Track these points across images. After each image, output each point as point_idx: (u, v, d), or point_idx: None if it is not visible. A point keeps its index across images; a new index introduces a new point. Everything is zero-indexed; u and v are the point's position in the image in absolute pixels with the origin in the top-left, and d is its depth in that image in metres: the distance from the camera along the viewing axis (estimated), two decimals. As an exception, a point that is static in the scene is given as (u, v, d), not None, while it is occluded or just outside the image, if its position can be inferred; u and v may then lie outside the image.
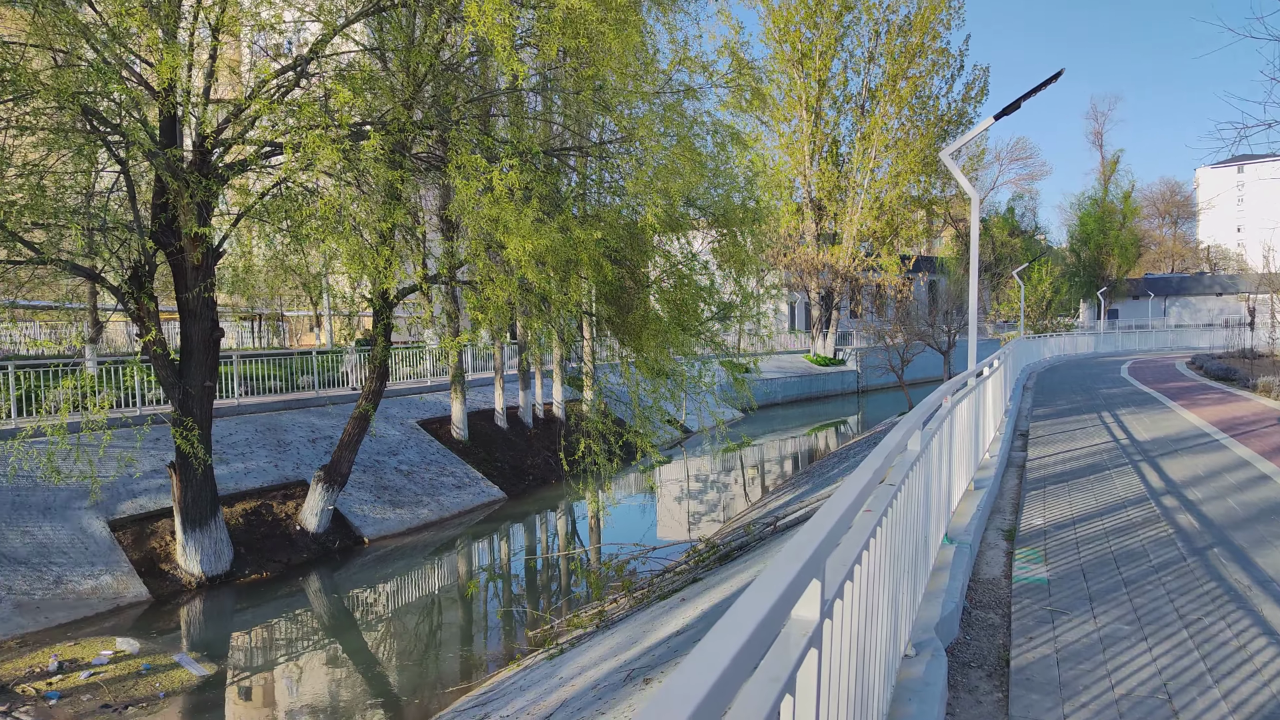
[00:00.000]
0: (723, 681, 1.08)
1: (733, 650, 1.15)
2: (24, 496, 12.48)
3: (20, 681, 9.31)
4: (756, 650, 1.25)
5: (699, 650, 1.13)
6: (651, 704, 0.98)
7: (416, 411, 21.08)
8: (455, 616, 12.48)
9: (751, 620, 1.27)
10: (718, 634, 1.20)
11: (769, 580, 1.46)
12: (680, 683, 1.04)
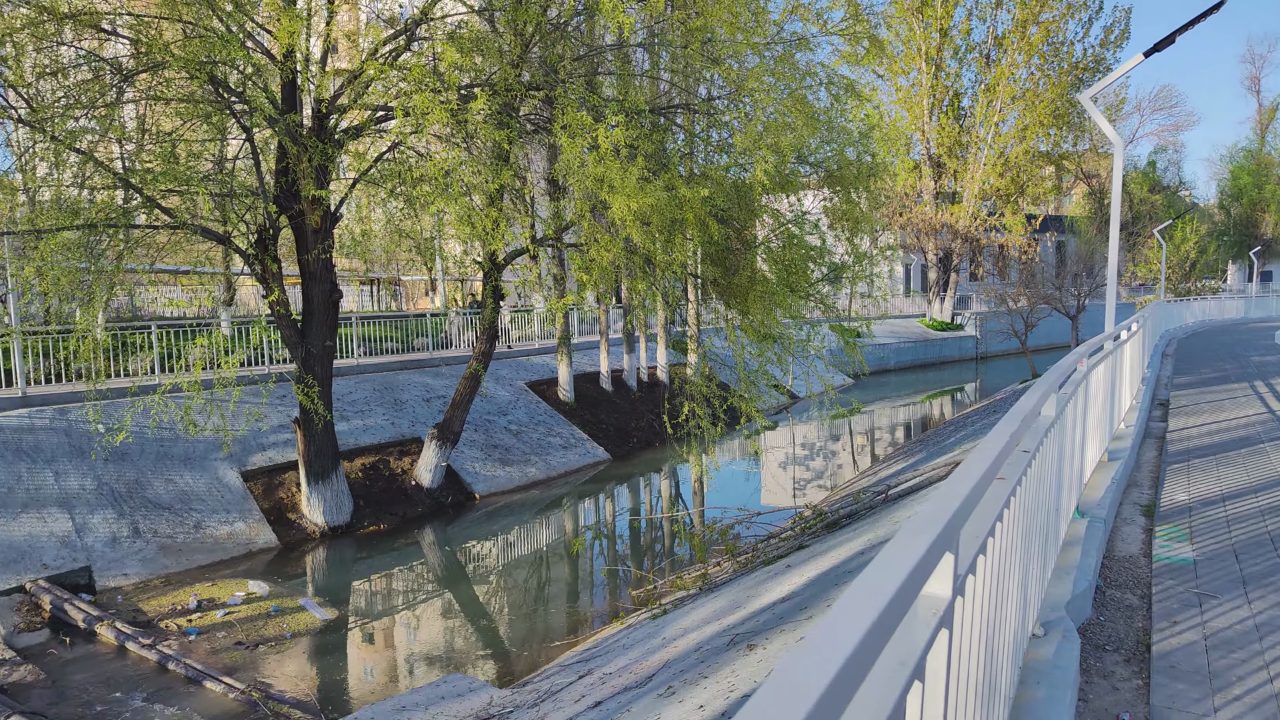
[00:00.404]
0: (849, 667, 0.90)
1: (859, 631, 0.97)
2: (167, 448, 13.41)
3: (164, 617, 10.06)
4: (884, 631, 1.07)
5: (819, 632, 0.96)
6: (768, 692, 0.81)
7: (524, 373, 21.47)
8: (561, 573, 12.70)
9: (879, 598, 1.08)
10: (841, 614, 1.02)
11: (898, 553, 1.27)
12: (799, 668, 0.87)
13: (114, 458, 12.63)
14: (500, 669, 9.39)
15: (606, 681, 5.85)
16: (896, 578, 1.17)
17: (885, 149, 37.23)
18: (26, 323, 15.25)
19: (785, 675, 0.86)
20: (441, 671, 9.34)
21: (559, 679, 6.84)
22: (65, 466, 12.15)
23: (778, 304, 12.80)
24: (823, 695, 0.82)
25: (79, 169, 11.37)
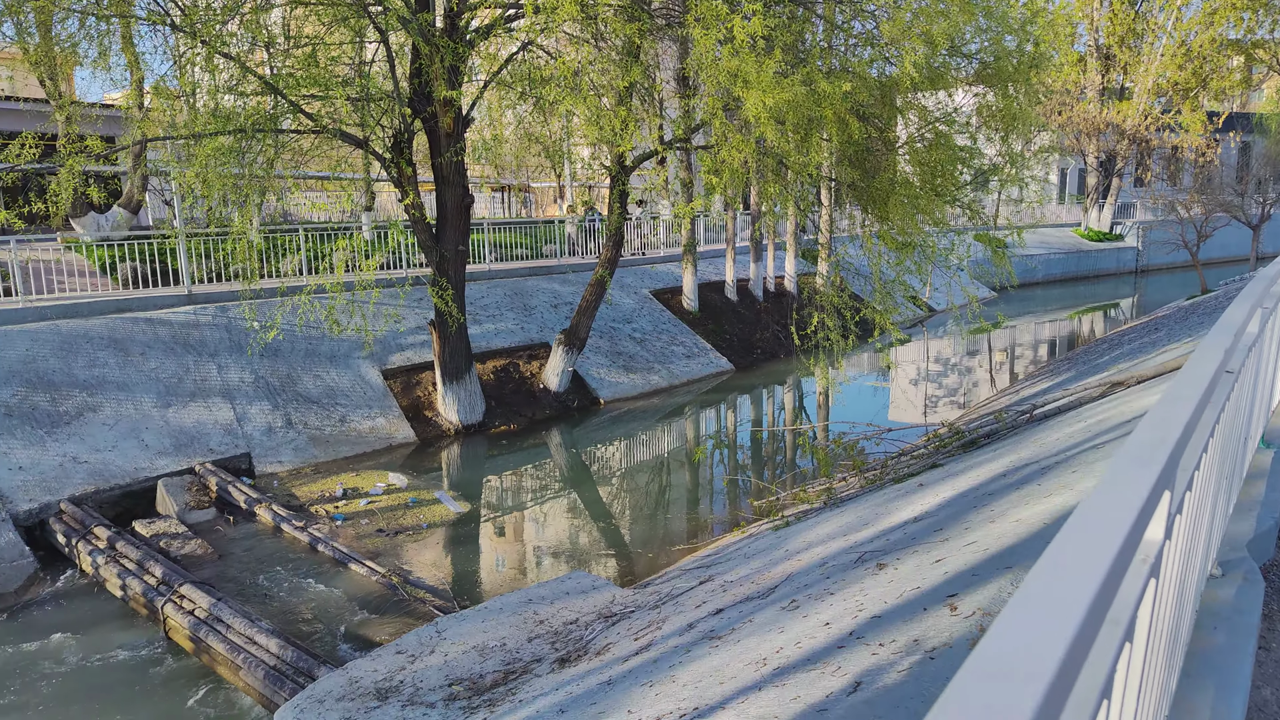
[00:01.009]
0: (1079, 641, 0.68)
1: (1088, 590, 0.74)
2: (314, 345, 14.21)
3: (314, 503, 10.83)
4: (1110, 588, 0.83)
5: (1028, 594, 0.74)
6: (972, 674, 0.60)
7: (649, 281, 21.36)
8: (682, 479, 12.80)
9: (1103, 547, 0.84)
10: (1058, 566, 0.79)
11: (1117, 490, 1.02)
12: (1009, 643, 0.65)
13: (268, 353, 13.51)
14: (621, 569, 9.61)
15: (727, 590, 5.81)
16: (1121, 522, 0.92)
17: (1047, 39, 33.80)
18: (190, 225, 16.33)
19: (991, 650, 0.65)
20: (566, 568, 9.66)
21: (679, 583, 6.89)
22: (226, 360, 13.10)
23: (920, 209, 11.98)
24: (1055, 678, 0.61)
25: (230, 75, 11.78)
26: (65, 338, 12.08)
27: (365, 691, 5.65)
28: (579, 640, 5.98)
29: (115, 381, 11.84)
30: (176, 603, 7.89)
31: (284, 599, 8.37)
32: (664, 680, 4.07)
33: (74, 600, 8.78)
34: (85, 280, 14.56)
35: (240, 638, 7.29)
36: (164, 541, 9.34)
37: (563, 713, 4.23)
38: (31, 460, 10.23)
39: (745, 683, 3.56)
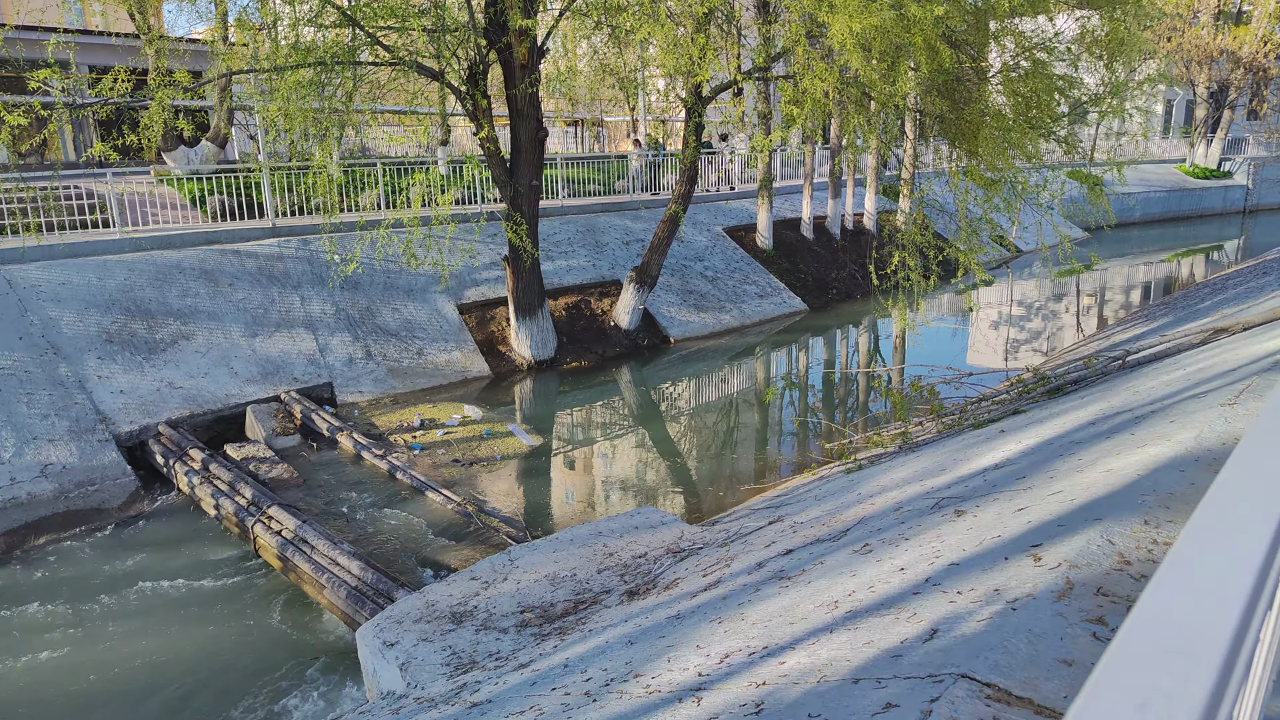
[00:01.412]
0: (1246, 612, 0.58)
1: (1255, 556, 0.64)
2: (392, 279, 14.48)
3: (392, 432, 11.16)
4: (1275, 552, 0.72)
5: (1183, 558, 0.64)
6: (1128, 652, 0.52)
7: (722, 218, 20.99)
8: (751, 419, 12.72)
9: (1269, 508, 0.73)
10: (1211, 530, 0.69)
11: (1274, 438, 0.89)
12: (1167, 615, 0.56)
13: (348, 286, 13.83)
14: (689, 506, 9.67)
15: (797, 530, 5.77)
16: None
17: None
18: (273, 159, 16.68)
19: (1156, 619, 0.56)
20: (635, 503, 9.77)
21: (748, 522, 6.88)
22: (309, 292, 13.47)
23: (1012, 143, 11.35)
24: (1227, 652, 0.52)
25: (310, 6, 11.82)
26: (160, 268, 12.58)
27: (441, 615, 5.85)
28: (647, 574, 6.05)
29: (206, 311, 12.31)
30: (265, 523, 8.29)
31: (364, 523, 8.71)
32: (732, 618, 4.07)
33: (171, 517, 9.32)
34: (177, 213, 15.07)
35: (324, 558, 7.62)
36: (253, 465, 9.79)
37: (631, 644, 4.29)
38: (131, 385, 10.78)
39: (815, 624, 3.52)
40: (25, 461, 9.30)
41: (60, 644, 7.05)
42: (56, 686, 6.53)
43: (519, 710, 3.83)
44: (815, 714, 2.60)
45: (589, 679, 3.93)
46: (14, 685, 6.54)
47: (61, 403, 10.11)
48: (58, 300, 11.35)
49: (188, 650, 6.97)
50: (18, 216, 13.11)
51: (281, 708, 6.32)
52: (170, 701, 6.39)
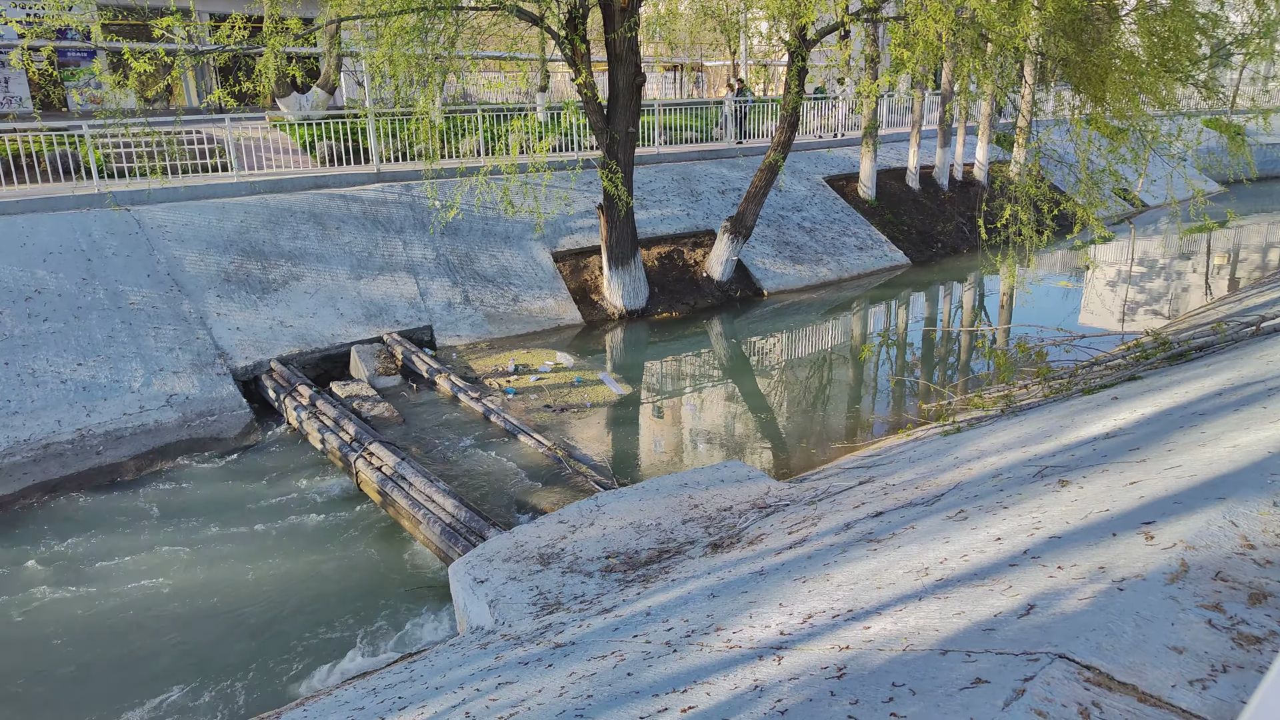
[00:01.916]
0: None
1: None
2: (490, 226, 14.69)
3: (488, 376, 11.44)
4: None
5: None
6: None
7: (823, 167, 20.35)
8: (845, 376, 12.45)
9: None
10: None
11: None
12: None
13: (448, 232, 14.12)
14: (777, 462, 9.58)
15: (888, 493, 5.63)
16: None
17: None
18: (378, 105, 17.03)
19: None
20: (722, 455, 9.75)
21: (837, 481, 6.76)
22: (410, 237, 13.82)
23: (1143, 88, 10.49)
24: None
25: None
26: (273, 211, 13.11)
27: (529, 555, 6.01)
28: (732, 528, 6.04)
29: (315, 253, 12.81)
30: (366, 459, 8.67)
31: (459, 463, 9.00)
32: (817, 577, 4.01)
33: (281, 449, 9.86)
34: (289, 157, 15.64)
35: (420, 495, 7.93)
36: (356, 402, 10.22)
37: (714, 597, 4.30)
38: (246, 322, 11.37)
39: (904, 590, 3.43)
40: (153, 391, 9.97)
41: (176, 562, 7.61)
42: (169, 602, 7.07)
43: (601, 654, 3.90)
44: (899, 683, 2.53)
45: (670, 629, 3.97)
46: (131, 599, 7.12)
47: (185, 337, 10.76)
48: (181, 240, 12.00)
49: (292, 574, 7.41)
50: (145, 160, 13.86)
51: (378, 634, 6.67)
52: (273, 621, 6.82)
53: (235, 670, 6.27)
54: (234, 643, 6.57)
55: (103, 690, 6.09)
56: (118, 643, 6.57)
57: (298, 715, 4.72)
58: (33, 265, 10.74)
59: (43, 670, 6.28)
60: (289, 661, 6.35)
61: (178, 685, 6.12)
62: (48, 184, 12.91)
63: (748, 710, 2.71)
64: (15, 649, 6.50)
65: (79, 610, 6.93)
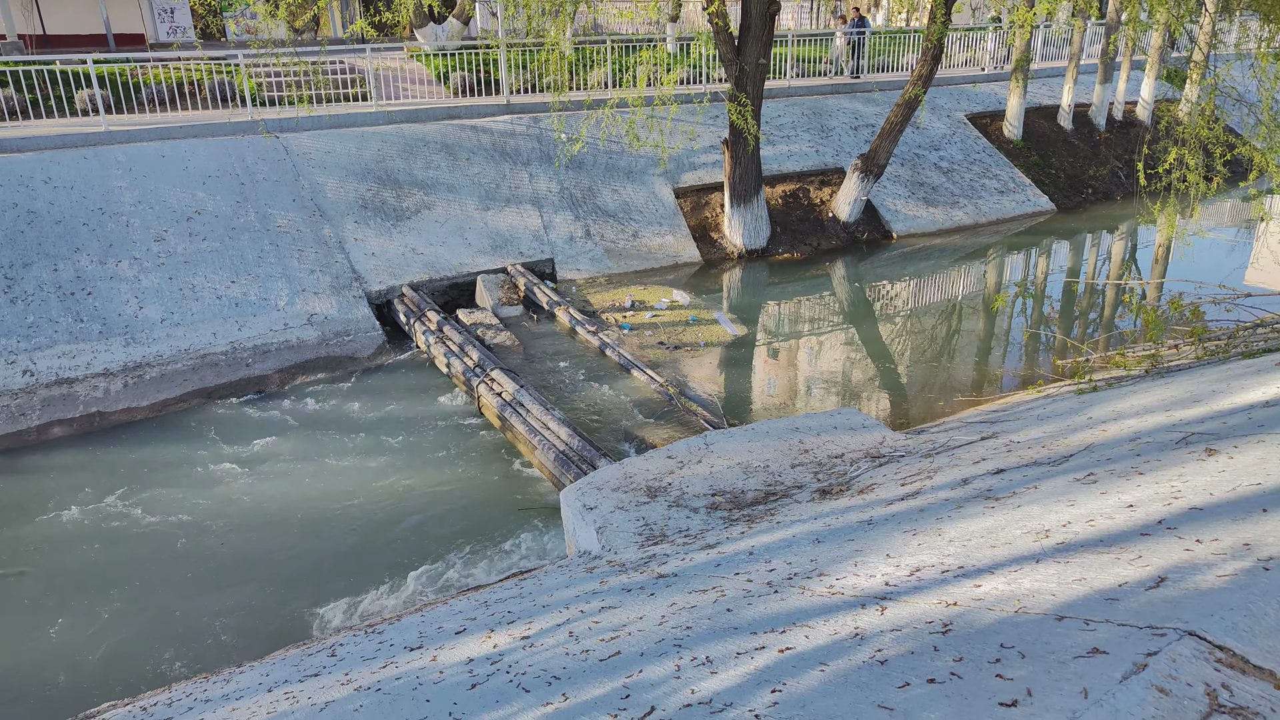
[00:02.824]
0: None
1: None
2: (614, 160, 14.67)
3: (605, 311, 11.57)
4: None
5: None
6: None
7: (966, 103, 19.13)
8: (974, 326, 11.88)
9: None
10: None
11: None
12: None
13: (572, 166, 14.20)
14: (894, 412, 9.32)
15: (1012, 450, 5.38)
16: None
17: None
18: (510, 36, 17.14)
19: None
20: (836, 402, 9.57)
21: (957, 435, 6.51)
22: (536, 170, 13.99)
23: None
24: None
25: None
26: (408, 140, 13.54)
27: (637, 487, 6.13)
28: (842, 475, 5.95)
29: (445, 183, 13.18)
30: (488, 384, 9.00)
31: (573, 393, 9.22)
32: (928, 531, 3.91)
33: (409, 371, 10.36)
34: (424, 88, 16.03)
35: (537, 422, 8.19)
36: (480, 330, 10.58)
37: (819, 542, 4.26)
38: (381, 248, 11.89)
39: (1021, 551, 3.29)
40: (296, 310, 10.64)
41: (314, 469, 8.19)
42: (307, 504, 7.64)
43: (702, 588, 3.96)
44: (1008, 644, 2.45)
45: (772, 569, 3.97)
46: (276, 498, 7.73)
47: (325, 260, 11.37)
48: (323, 167, 12.59)
49: (415, 488, 7.86)
50: (293, 89, 14.52)
51: (490, 550, 7.01)
52: (394, 531, 7.28)
53: (361, 572, 6.75)
54: (360, 547, 7.06)
55: (265, 573, 6.71)
56: (272, 535, 7.19)
57: (415, 620, 5.05)
58: (193, 188, 11.55)
59: (209, 555, 6.96)
60: (408, 569, 6.78)
61: (313, 578, 6.66)
62: (207, 111, 13.76)
63: (846, 657, 2.70)
64: (190, 534, 7.23)
65: (235, 504, 7.62)
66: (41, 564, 6.91)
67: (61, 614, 6.37)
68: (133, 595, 6.56)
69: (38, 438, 8.80)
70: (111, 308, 9.99)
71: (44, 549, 7.09)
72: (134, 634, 6.19)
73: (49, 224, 10.51)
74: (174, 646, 6.05)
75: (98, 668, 5.88)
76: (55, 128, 12.16)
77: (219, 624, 6.26)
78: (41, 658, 5.98)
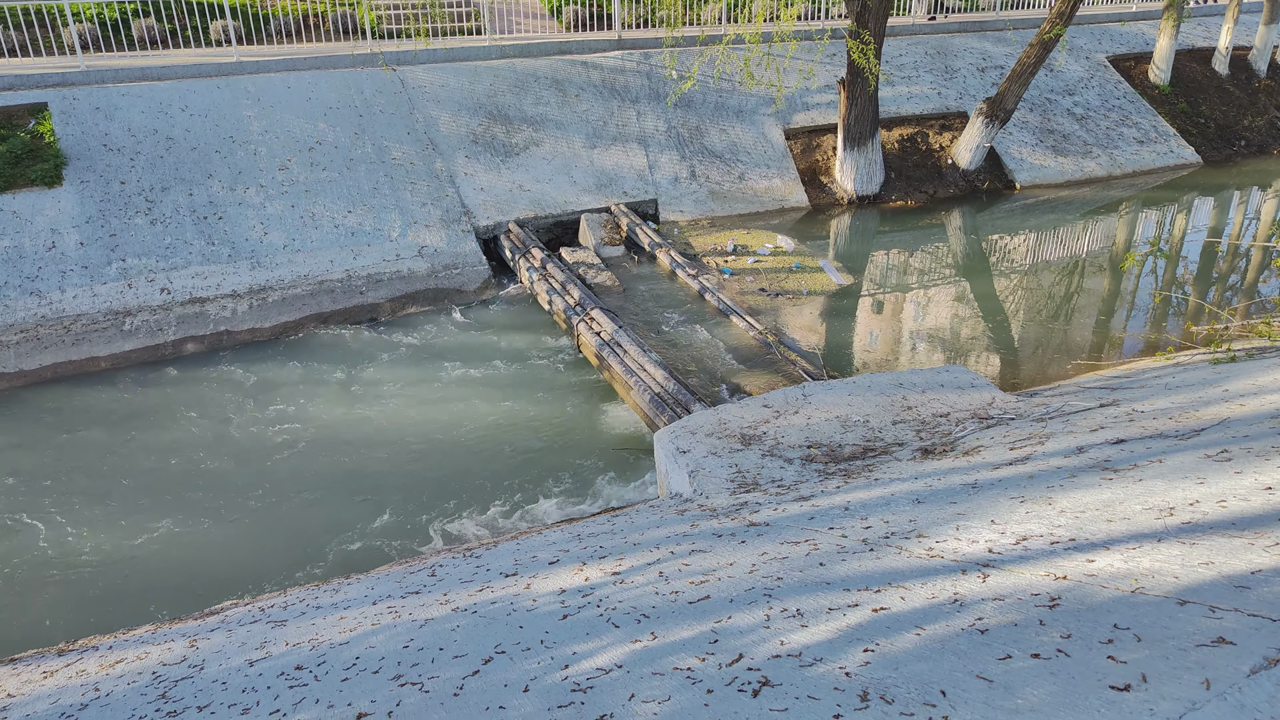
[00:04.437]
0: None
1: None
2: (724, 99, 14.30)
3: (706, 254, 11.43)
4: None
5: None
6: None
7: (1108, 44, 17.68)
8: (1097, 286, 11.18)
9: None
10: None
11: None
12: None
13: (680, 104, 13.92)
14: (1005, 372, 8.93)
15: (1135, 420, 5.07)
16: None
17: None
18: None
19: None
20: (943, 358, 9.23)
21: (1074, 400, 6.19)
22: (644, 108, 13.79)
23: None
24: None
25: None
26: (519, 75, 13.55)
27: (731, 433, 6.10)
28: (947, 435, 5.76)
29: (554, 120, 13.17)
30: (587, 323, 9.08)
31: (671, 336, 9.20)
32: (1038, 500, 3.74)
33: (512, 306, 10.56)
34: (536, 22, 15.94)
35: (633, 362, 8.23)
36: (582, 269, 10.64)
37: (919, 503, 4.15)
38: (489, 184, 12.05)
39: (1140, 528, 3.11)
40: (407, 241, 10.96)
41: (420, 395, 8.51)
42: (416, 427, 7.95)
43: (794, 540, 3.93)
44: (1123, 625, 2.33)
45: (869, 527, 3.90)
46: (377, 423, 8.08)
47: (436, 194, 11.62)
48: (437, 101, 12.77)
49: (515, 420, 8.07)
50: (411, 22, 14.69)
51: (584, 484, 7.16)
52: (493, 461, 7.51)
53: (462, 498, 7.02)
54: (462, 474, 7.34)
55: (375, 492, 7.08)
56: (382, 456, 7.56)
57: (511, 547, 5.22)
58: (315, 119, 11.92)
59: (324, 471, 7.39)
60: (505, 497, 7.01)
61: (418, 500, 6.98)
62: (330, 43, 14.10)
63: (943, 622, 2.63)
64: (307, 450, 7.67)
65: (349, 425, 8.02)
66: (175, 470, 7.48)
67: (190, 516, 6.90)
68: (255, 504, 7.04)
69: (173, 352, 9.44)
70: (239, 232, 10.52)
71: (179, 455, 7.66)
72: (255, 540, 6.66)
73: (185, 150, 11.08)
74: (290, 554, 6.48)
75: (223, 568, 6.36)
76: (191, 57, 12.72)
77: (332, 536, 6.66)
78: (174, 555, 6.52)
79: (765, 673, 2.54)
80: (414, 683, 3.09)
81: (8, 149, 10.22)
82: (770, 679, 2.50)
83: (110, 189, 10.46)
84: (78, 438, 7.95)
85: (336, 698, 3.12)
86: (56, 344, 9.20)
